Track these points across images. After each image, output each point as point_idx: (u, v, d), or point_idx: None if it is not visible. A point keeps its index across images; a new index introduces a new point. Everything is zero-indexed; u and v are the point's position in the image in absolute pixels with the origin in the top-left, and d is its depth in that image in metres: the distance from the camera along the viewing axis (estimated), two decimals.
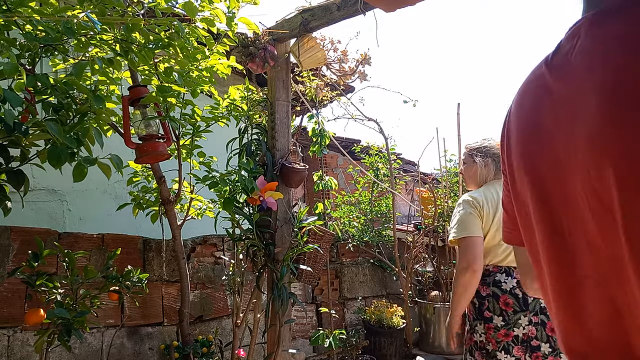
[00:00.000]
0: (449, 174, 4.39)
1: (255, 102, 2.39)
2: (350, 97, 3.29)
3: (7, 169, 1.34)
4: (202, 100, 2.16)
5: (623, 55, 0.50)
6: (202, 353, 2.57)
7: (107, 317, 2.51)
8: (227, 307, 3.11)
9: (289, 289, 2.17)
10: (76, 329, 1.74)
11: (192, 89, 1.83)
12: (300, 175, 2.17)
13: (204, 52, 1.81)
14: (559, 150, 0.59)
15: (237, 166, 2.08)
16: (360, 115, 3.34)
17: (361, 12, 1.89)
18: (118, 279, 2.02)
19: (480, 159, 2.07)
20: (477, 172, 2.07)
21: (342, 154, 3.34)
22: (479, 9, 50.12)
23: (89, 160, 1.42)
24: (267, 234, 2.17)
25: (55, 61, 1.77)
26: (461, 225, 1.93)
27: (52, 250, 1.88)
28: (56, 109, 1.42)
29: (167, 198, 2.31)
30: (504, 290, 1.87)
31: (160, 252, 2.77)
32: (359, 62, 2.26)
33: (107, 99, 1.77)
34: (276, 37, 2.20)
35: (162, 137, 1.87)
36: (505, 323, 1.84)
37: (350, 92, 3.34)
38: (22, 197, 1.37)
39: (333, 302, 3.81)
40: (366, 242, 4.39)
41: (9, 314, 2.23)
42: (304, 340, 3.56)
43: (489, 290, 1.89)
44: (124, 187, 2.63)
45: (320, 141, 2.70)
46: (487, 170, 2.05)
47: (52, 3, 1.51)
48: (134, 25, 1.50)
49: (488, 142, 2.12)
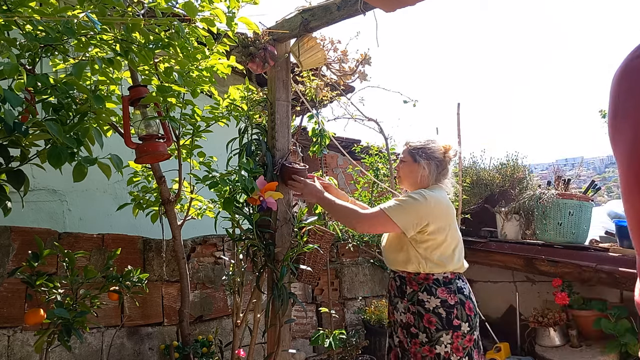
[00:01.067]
0: None
1: (255, 102, 2.39)
2: (350, 97, 3.29)
3: (7, 169, 1.34)
4: (202, 100, 2.16)
5: None
6: (202, 353, 2.57)
7: (107, 317, 2.51)
8: (227, 307, 3.11)
9: (289, 289, 2.17)
10: (76, 329, 1.74)
11: (192, 89, 1.83)
12: (301, 175, 2.17)
13: (204, 52, 1.80)
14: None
15: (237, 166, 2.08)
16: (360, 115, 3.34)
17: (361, 12, 1.89)
18: (118, 279, 2.02)
19: (424, 160, 1.99)
20: (419, 173, 2.00)
21: (342, 154, 3.34)
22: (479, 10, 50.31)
23: (89, 160, 1.41)
24: (267, 234, 2.17)
25: (55, 61, 1.77)
26: (401, 210, 1.86)
27: (52, 250, 1.88)
28: (56, 109, 1.42)
29: (167, 198, 2.31)
30: (466, 295, 1.90)
31: (160, 252, 2.77)
32: (359, 62, 2.26)
33: (107, 99, 1.77)
34: (276, 37, 2.20)
35: (162, 137, 1.87)
36: (470, 328, 1.86)
37: (350, 92, 3.33)
38: (22, 197, 1.37)
39: (333, 302, 3.81)
40: (366, 242, 4.38)
41: (9, 314, 2.23)
42: (304, 340, 3.56)
43: (456, 297, 1.87)
44: (124, 187, 2.63)
45: (320, 141, 2.70)
46: (429, 173, 1.99)
47: (52, 3, 1.51)
48: (134, 25, 1.50)
49: (433, 144, 2.03)
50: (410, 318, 1.91)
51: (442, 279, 1.88)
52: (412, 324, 1.90)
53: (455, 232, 1.95)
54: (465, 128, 6.39)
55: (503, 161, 5.03)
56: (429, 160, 1.99)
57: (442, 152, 2.03)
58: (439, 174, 2.01)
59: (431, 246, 1.88)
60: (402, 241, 1.93)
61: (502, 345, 3.77)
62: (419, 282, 1.91)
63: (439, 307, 1.85)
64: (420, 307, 1.88)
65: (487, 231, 4.55)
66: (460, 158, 4.24)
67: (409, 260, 1.92)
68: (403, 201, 1.90)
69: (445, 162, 2.03)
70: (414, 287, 1.92)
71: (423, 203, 1.87)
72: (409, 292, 1.93)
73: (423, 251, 1.89)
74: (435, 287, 1.87)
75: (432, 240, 1.88)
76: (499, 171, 4.94)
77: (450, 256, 1.89)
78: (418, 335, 1.88)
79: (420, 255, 1.89)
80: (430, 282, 1.88)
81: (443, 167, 2.02)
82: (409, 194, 1.94)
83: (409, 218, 1.86)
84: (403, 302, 1.95)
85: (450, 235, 1.90)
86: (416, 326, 1.89)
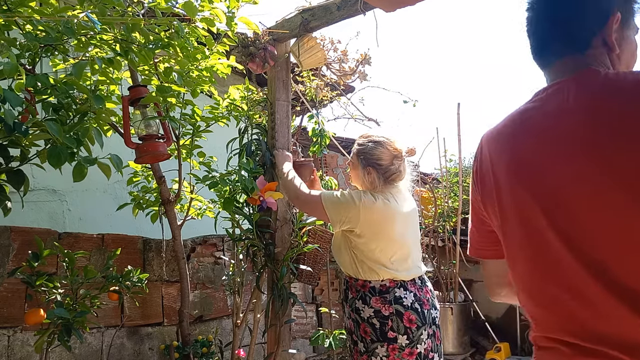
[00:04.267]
0: (449, 174, 4.39)
1: (255, 102, 2.39)
2: (350, 97, 3.29)
3: (7, 169, 1.34)
4: (202, 100, 2.16)
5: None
6: (202, 353, 2.57)
7: (107, 317, 2.51)
8: (227, 307, 3.11)
9: (289, 289, 2.17)
10: (76, 329, 1.74)
11: (192, 89, 1.83)
12: (306, 169, 2.16)
13: (204, 52, 1.80)
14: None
15: (237, 166, 2.08)
16: (360, 115, 3.34)
17: (361, 12, 1.89)
18: (118, 279, 2.02)
19: (365, 167, 1.85)
20: (362, 178, 1.88)
21: (342, 154, 3.34)
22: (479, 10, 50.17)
23: (89, 160, 1.42)
24: (267, 234, 2.17)
25: (55, 61, 1.77)
26: (336, 202, 1.81)
27: (52, 250, 1.88)
28: (56, 109, 1.42)
29: (167, 198, 2.31)
30: (406, 306, 1.76)
31: (160, 252, 2.77)
32: (359, 62, 2.26)
33: (107, 99, 1.77)
34: (276, 37, 2.20)
35: (162, 137, 1.87)
36: (409, 341, 1.73)
37: (350, 92, 3.33)
38: (22, 197, 1.37)
39: (333, 302, 3.80)
40: None
41: (9, 314, 2.23)
42: (304, 340, 3.56)
43: (392, 308, 1.75)
44: (124, 187, 2.63)
45: (320, 141, 2.70)
46: (370, 180, 1.85)
47: (52, 3, 1.52)
48: (134, 25, 1.50)
49: (378, 149, 1.85)
50: (352, 325, 1.85)
51: (379, 287, 1.78)
52: (353, 330, 1.85)
53: (395, 241, 1.82)
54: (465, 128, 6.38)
55: None
56: (371, 167, 1.84)
57: (390, 157, 1.85)
58: (386, 180, 1.85)
59: (363, 251, 1.81)
60: (344, 240, 1.88)
61: (502, 345, 3.77)
62: (357, 289, 1.84)
63: (372, 317, 1.77)
64: (357, 315, 1.81)
65: None
66: (460, 158, 4.24)
67: (349, 262, 1.85)
68: (342, 195, 1.83)
69: (393, 168, 1.85)
70: (353, 293, 1.86)
71: (354, 207, 1.78)
72: (350, 298, 1.86)
73: (359, 254, 1.82)
74: (370, 296, 1.79)
75: (363, 245, 1.80)
76: None
77: (385, 264, 1.78)
78: (357, 343, 1.82)
79: (357, 258, 1.82)
80: (366, 290, 1.80)
81: (391, 173, 1.86)
82: (353, 191, 1.88)
83: (338, 213, 1.80)
84: (347, 307, 1.89)
85: (385, 242, 1.80)
86: (355, 334, 1.83)
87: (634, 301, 0.67)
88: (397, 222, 1.83)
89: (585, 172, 0.73)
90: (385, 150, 1.85)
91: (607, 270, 0.70)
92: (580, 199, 0.74)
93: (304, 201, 1.95)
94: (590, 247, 0.72)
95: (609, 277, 0.70)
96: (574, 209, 0.74)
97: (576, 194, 0.74)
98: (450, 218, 4.19)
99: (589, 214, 0.73)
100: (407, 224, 1.89)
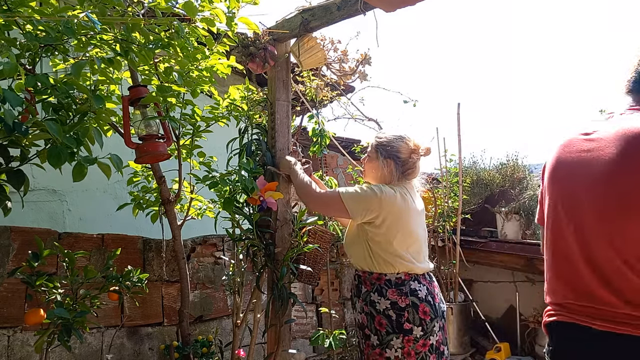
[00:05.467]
0: (449, 174, 4.39)
1: (255, 102, 2.39)
2: (351, 97, 3.29)
3: (7, 169, 1.34)
4: (202, 100, 2.16)
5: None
6: (202, 353, 2.57)
7: (107, 317, 2.51)
8: (227, 307, 3.11)
9: (289, 289, 2.17)
10: (76, 329, 1.74)
11: (192, 89, 1.83)
12: (307, 171, 2.16)
13: (204, 52, 1.80)
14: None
15: (237, 166, 2.08)
16: (360, 115, 3.34)
17: (361, 12, 1.89)
18: (118, 279, 2.02)
19: (385, 158, 1.95)
20: (379, 170, 1.96)
21: (342, 154, 3.34)
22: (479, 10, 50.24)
23: (88, 160, 1.41)
24: (267, 234, 2.17)
25: (55, 61, 1.77)
26: (355, 196, 1.86)
27: (52, 250, 1.88)
28: (56, 109, 1.42)
29: (167, 198, 2.31)
30: (421, 298, 1.81)
31: (160, 252, 2.77)
32: (359, 62, 2.26)
33: (107, 99, 1.77)
34: (276, 37, 2.20)
35: (162, 137, 1.87)
36: (423, 333, 1.79)
37: (351, 92, 3.33)
38: (22, 197, 1.37)
39: (333, 302, 3.81)
40: None
41: (9, 314, 2.23)
42: (304, 340, 3.56)
43: (408, 300, 1.80)
44: (124, 187, 2.62)
45: (320, 141, 2.70)
46: (390, 171, 1.94)
47: (52, 3, 1.51)
48: (134, 25, 1.50)
49: (399, 142, 1.96)
50: (364, 319, 1.88)
51: (395, 280, 1.84)
52: (365, 325, 1.87)
53: (412, 233, 1.89)
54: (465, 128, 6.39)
55: (503, 161, 5.04)
56: (390, 159, 1.94)
57: (408, 151, 1.95)
58: (403, 173, 1.94)
59: (380, 242, 1.85)
60: (359, 234, 1.92)
61: (502, 345, 3.77)
62: (371, 282, 1.88)
63: (388, 309, 1.81)
64: (372, 307, 1.84)
65: (487, 231, 4.55)
66: (460, 158, 4.24)
67: (363, 256, 1.90)
68: (361, 189, 1.89)
69: (411, 162, 1.95)
70: (367, 286, 1.90)
71: (376, 195, 1.84)
72: (364, 292, 1.90)
73: (374, 246, 1.86)
74: (386, 288, 1.83)
75: (382, 236, 1.84)
76: (499, 171, 4.94)
77: (401, 256, 1.84)
78: (370, 337, 1.85)
79: (372, 251, 1.87)
80: (382, 283, 1.85)
81: (409, 167, 1.96)
82: (369, 185, 1.93)
83: (359, 205, 1.85)
84: (359, 301, 1.93)
85: (402, 234, 1.85)
86: (369, 327, 1.85)
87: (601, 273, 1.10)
88: (411, 217, 1.90)
89: (598, 190, 1.10)
90: (405, 145, 1.96)
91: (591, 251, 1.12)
92: (588, 205, 1.13)
93: (323, 200, 1.97)
94: (588, 235, 1.13)
95: (589, 256, 1.13)
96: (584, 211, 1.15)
97: (586, 201, 1.13)
98: (450, 218, 4.19)
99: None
100: (418, 221, 1.95)
